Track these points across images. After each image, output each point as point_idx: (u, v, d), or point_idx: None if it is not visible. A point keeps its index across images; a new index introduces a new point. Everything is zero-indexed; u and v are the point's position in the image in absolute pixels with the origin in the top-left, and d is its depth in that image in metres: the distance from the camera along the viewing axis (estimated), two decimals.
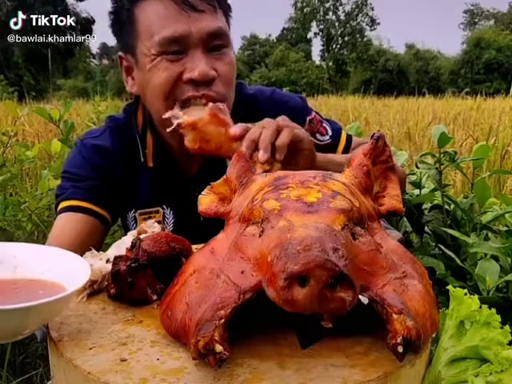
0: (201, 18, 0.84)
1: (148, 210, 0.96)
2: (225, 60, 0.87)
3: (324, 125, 1.02)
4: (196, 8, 0.83)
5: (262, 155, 0.70)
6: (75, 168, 0.94)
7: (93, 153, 0.94)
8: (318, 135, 0.99)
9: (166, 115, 0.81)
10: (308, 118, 1.00)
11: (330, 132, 1.01)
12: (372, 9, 39.65)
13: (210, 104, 0.80)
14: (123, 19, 0.89)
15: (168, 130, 0.80)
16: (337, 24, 40.04)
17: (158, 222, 0.70)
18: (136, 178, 0.95)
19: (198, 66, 0.83)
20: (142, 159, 0.94)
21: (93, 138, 0.98)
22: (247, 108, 0.97)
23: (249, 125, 0.76)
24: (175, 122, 0.78)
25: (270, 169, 0.70)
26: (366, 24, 39.55)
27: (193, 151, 0.79)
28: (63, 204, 0.90)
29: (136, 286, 0.58)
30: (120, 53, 0.93)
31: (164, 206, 0.96)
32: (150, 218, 0.96)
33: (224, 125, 0.77)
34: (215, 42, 0.86)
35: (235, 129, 0.75)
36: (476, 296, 0.52)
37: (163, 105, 0.86)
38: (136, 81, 0.91)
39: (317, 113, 1.04)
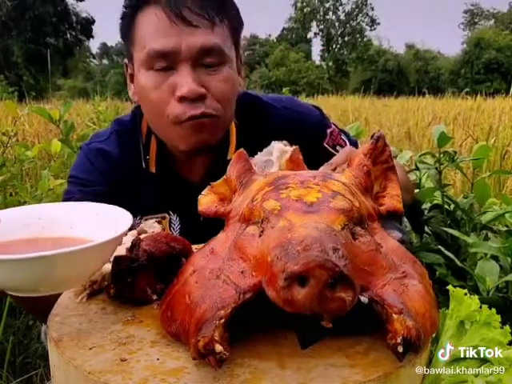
0: (194, 33, 0.80)
1: (154, 216, 0.94)
2: (218, 77, 0.83)
3: (342, 137, 1.00)
4: (190, 23, 0.80)
5: None
6: (82, 173, 0.94)
7: (99, 158, 0.94)
8: (338, 147, 0.97)
9: None
10: (328, 131, 0.98)
11: (348, 144, 0.98)
12: (372, 9, 39.75)
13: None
14: (127, 26, 0.88)
15: None
16: (337, 24, 40.08)
17: (162, 227, 0.70)
18: (141, 185, 0.94)
19: (186, 82, 0.80)
20: (144, 165, 0.94)
21: (99, 142, 0.97)
22: (258, 119, 0.95)
23: None
24: None
25: None
26: (366, 24, 39.63)
27: None
28: None
29: (136, 286, 0.58)
30: (125, 60, 0.93)
31: (170, 212, 0.95)
32: None
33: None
34: (207, 60, 0.82)
35: None
36: (476, 296, 0.52)
37: (161, 124, 0.86)
38: (136, 90, 0.90)
39: (333, 123, 1.02)
